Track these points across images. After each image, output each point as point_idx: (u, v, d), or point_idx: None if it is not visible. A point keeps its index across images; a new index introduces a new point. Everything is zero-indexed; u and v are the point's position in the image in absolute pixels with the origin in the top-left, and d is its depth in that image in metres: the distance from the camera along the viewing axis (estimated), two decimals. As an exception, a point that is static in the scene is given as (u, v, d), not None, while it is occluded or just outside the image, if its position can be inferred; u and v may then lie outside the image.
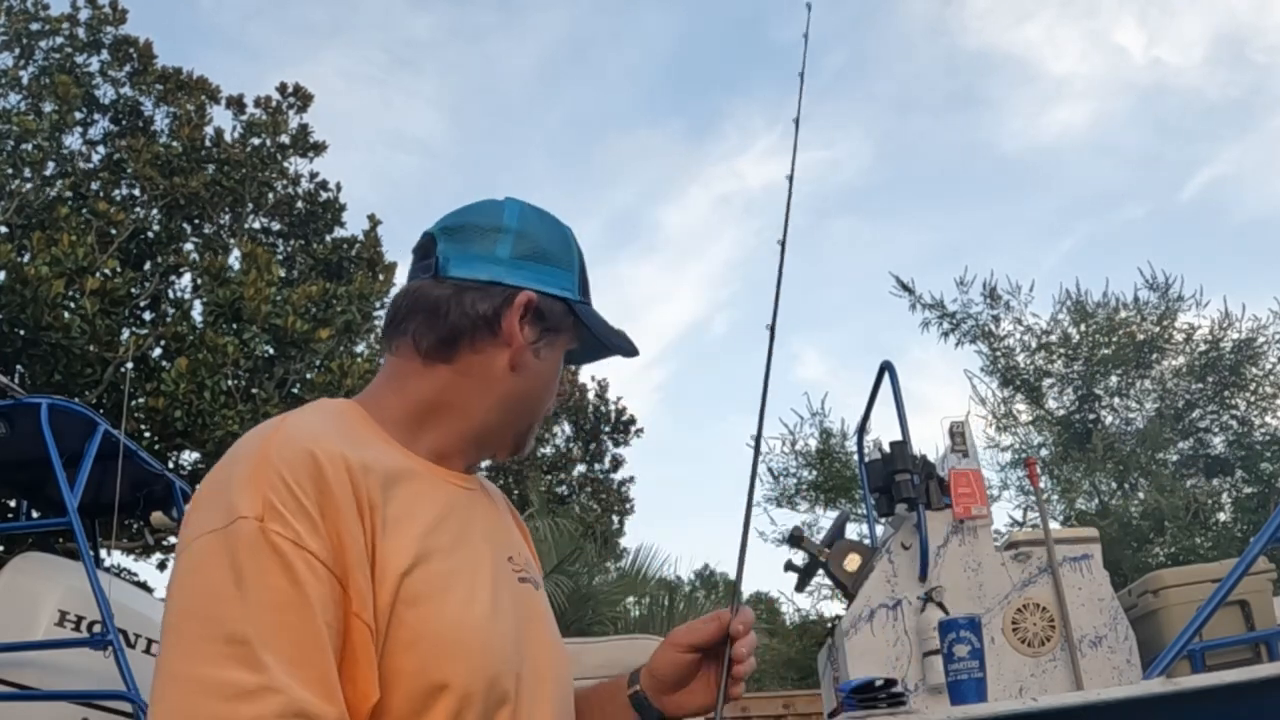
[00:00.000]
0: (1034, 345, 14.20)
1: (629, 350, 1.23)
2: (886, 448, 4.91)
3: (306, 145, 13.44)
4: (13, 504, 8.93)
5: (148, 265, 12.07)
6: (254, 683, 0.84)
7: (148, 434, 10.50)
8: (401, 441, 1.10)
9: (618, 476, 17.84)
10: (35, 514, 5.75)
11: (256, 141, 13.03)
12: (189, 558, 0.91)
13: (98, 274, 10.28)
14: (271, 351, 11.16)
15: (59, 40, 12.45)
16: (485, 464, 1.34)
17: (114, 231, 11.08)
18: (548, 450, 18.20)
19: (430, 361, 1.12)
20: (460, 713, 0.96)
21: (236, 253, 12.19)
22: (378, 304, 13.60)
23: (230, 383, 10.53)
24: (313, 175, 13.63)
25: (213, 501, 0.94)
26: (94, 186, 11.99)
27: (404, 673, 0.94)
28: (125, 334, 11.01)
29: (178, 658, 0.87)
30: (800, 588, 5.52)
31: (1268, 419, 13.43)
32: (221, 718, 0.83)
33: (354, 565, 0.93)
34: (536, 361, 1.14)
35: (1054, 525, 9.62)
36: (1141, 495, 13.08)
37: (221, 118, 13.06)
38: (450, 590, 1.00)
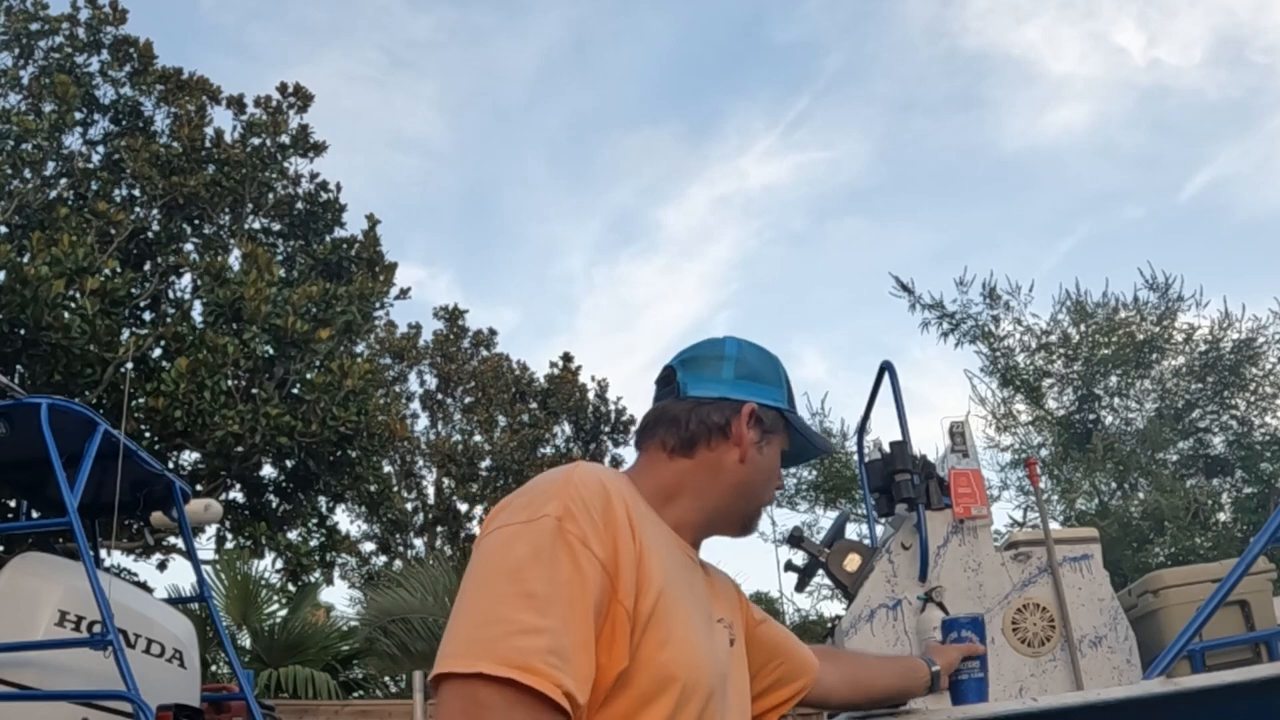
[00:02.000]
0: (1034, 345, 14.20)
1: (829, 449, 1.68)
2: (886, 448, 4.90)
3: (307, 145, 13.44)
4: (13, 504, 8.93)
5: (148, 265, 12.07)
6: (537, 624, 1.09)
7: (148, 434, 10.49)
8: (657, 511, 1.41)
9: (618, 477, 17.81)
10: (35, 514, 5.75)
11: (256, 141, 13.03)
12: (499, 537, 1.19)
13: (98, 274, 10.28)
14: (271, 351, 11.15)
15: (59, 40, 12.45)
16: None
17: (114, 231, 11.08)
18: (548, 450, 18.20)
19: (674, 457, 1.45)
20: (683, 702, 1.23)
21: (236, 253, 12.19)
22: (378, 304, 13.61)
23: (230, 383, 10.53)
24: (313, 175, 13.64)
25: (520, 506, 1.22)
26: (94, 186, 11.99)
27: (653, 661, 1.21)
28: (125, 334, 11.01)
29: (484, 600, 1.13)
30: (800, 588, 5.52)
31: (1268, 419, 13.43)
32: (506, 641, 1.08)
33: (624, 567, 1.20)
34: (760, 457, 1.47)
35: (1054, 525, 9.62)
36: (1141, 495, 13.08)
37: (222, 118, 13.12)
38: (686, 615, 1.29)
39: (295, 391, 11.29)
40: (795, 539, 5.23)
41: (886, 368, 5.18)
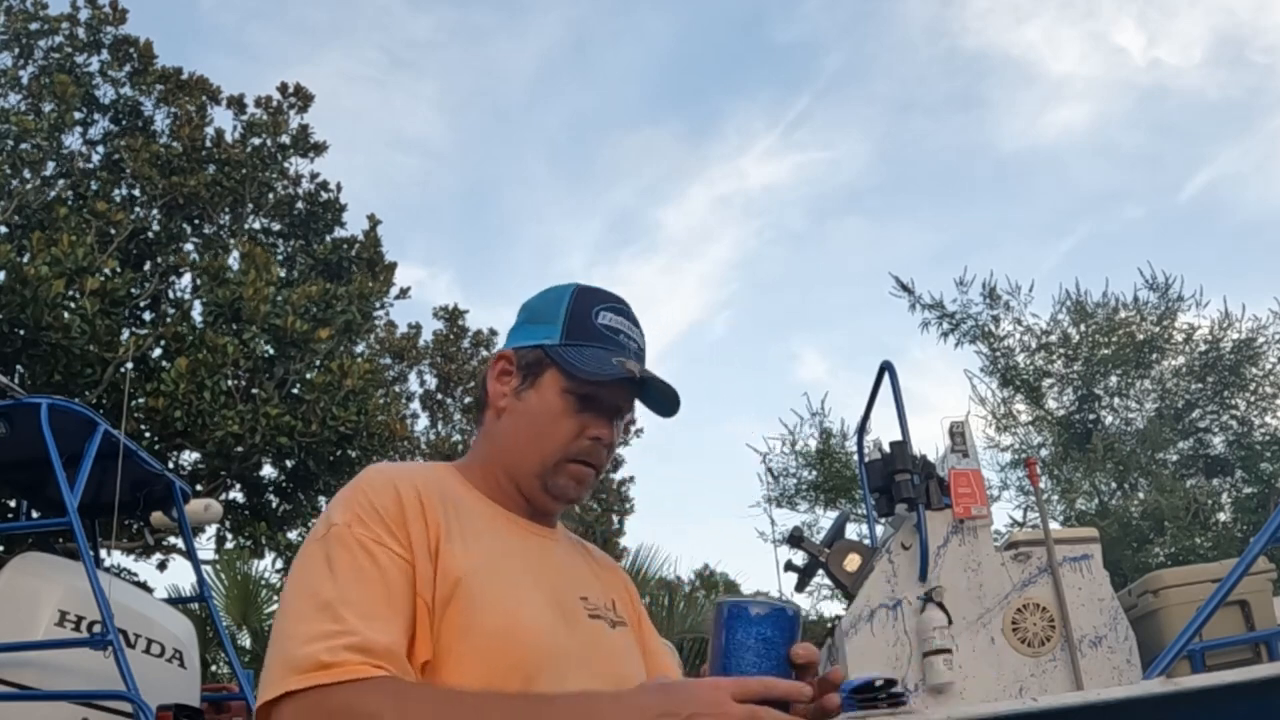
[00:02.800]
0: (1034, 345, 14.20)
1: (606, 374, 1.31)
2: (886, 448, 4.91)
3: (307, 145, 13.43)
4: (13, 504, 8.92)
5: (148, 265, 12.06)
6: (332, 629, 1.10)
7: (148, 434, 10.49)
8: (481, 490, 1.35)
9: (618, 476, 17.83)
10: (35, 514, 5.74)
11: (257, 141, 13.02)
12: (299, 558, 1.21)
13: (98, 274, 10.27)
14: (271, 351, 11.14)
15: (59, 40, 12.44)
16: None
17: (114, 231, 11.07)
18: (548, 450, 18.17)
19: (478, 426, 1.41)
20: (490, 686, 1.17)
21: (236, 253, 12.19)
22: (378, 304, 13.60)
23: (230, 383, 10.52)
24: (313, 175, 13.63)
25: (320, 521, 1.24)
26: (94, 186, 11.98)
27: (452, 652, 1.17)
28: (125, 334, 11.00)
29: (286, 622, 1.15)
30: (800, 588, 5.52)
31: (1268, 419, 13.43)
32: (306, 652, 1.09)
33: (419, 559, 1.19)
34: (519, 403, 1.34)
35: (1054, 525, 9.62)
36: (1141, 495, 13.08)
37: (222, 118, 13.09)
38: (505, 593, 1.22)
39: (295, 391, 11.28)
40: (795, 539, 5.24)
41: (886, 368, 5.19)
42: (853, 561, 4.92)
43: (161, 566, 12.55)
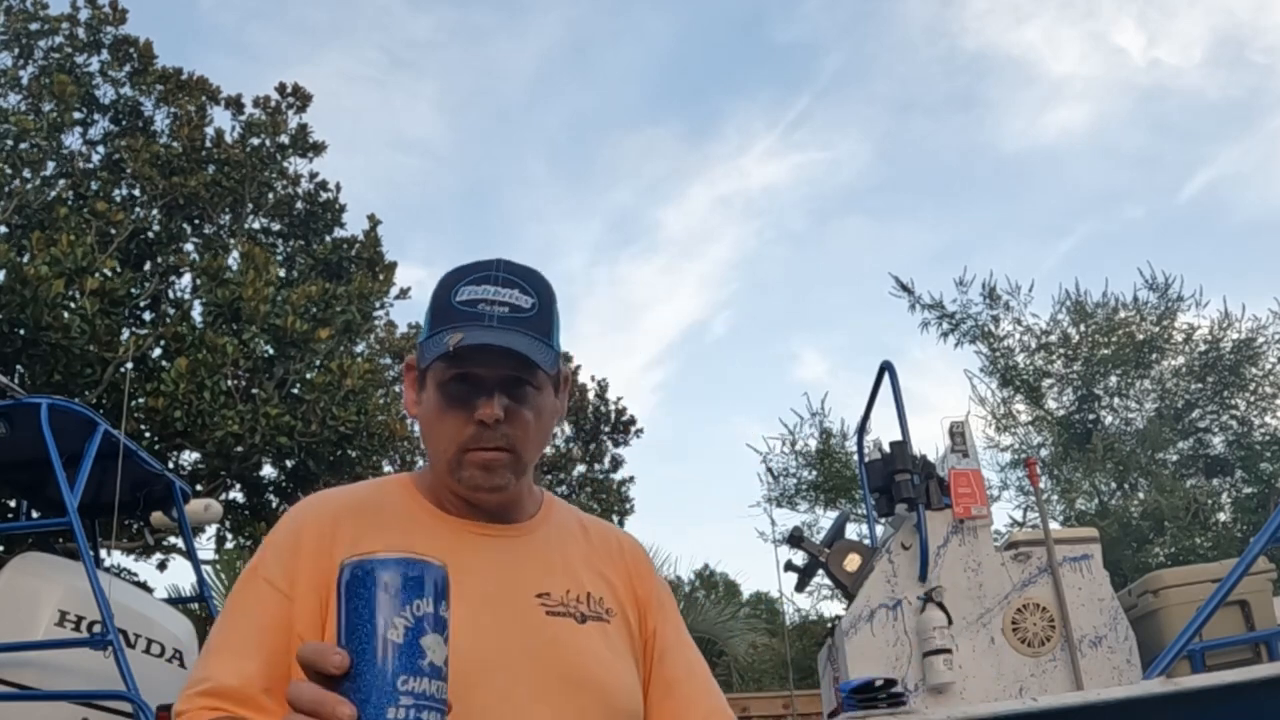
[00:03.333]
0: (1033, 345, 14.20)
1: (438, 352, 1.24)
2: (886, 448, 4.92)
3: (306, 145, 13.43)
4: (13, 504, 8.92)
5: (148, 265, 12.07)
6: (198, 675, 1.18)
7: (148, 434, 10.49)
8: (430, 499, 1.35)
9: (618, 476, 17.82)
10: (35, 514, 5.74)
11: (256, 141, 13.02)
12: None
13: (98, 274, 10.27)
14: (271, 351, 11.14)
15: (58, 40, 12.45)
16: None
17: (114, 231, 11.07)
18: (548, 450, 18.21)
19: None
20: None
21: (236, 253, 12.19)
22: (377, 304, 13.60)
23: (230, 383, 10.52)
24: (312, 175, 13.63)
25: None
26: (94, 186, 11.98)
27: None
28: (125, 334, 11.00)
29: None
30: (800, 588, 5.53)
31: (1268, 419, 13.43)
32: (177, 699, 1.17)
33: (303, 594, 1.22)
34: (422, 409, 1.34)
35: (1054, 525, 9.62)
36: (1141, 495, 13.08)
37: (221, 118, 13.07)
38: None
39: (295, 391, 11.28)
40: (795, 539, 5.25)
41: (886, 368, 5.19)
42: (853, 561, 4.93)
43: (161, 566, 12.55)
